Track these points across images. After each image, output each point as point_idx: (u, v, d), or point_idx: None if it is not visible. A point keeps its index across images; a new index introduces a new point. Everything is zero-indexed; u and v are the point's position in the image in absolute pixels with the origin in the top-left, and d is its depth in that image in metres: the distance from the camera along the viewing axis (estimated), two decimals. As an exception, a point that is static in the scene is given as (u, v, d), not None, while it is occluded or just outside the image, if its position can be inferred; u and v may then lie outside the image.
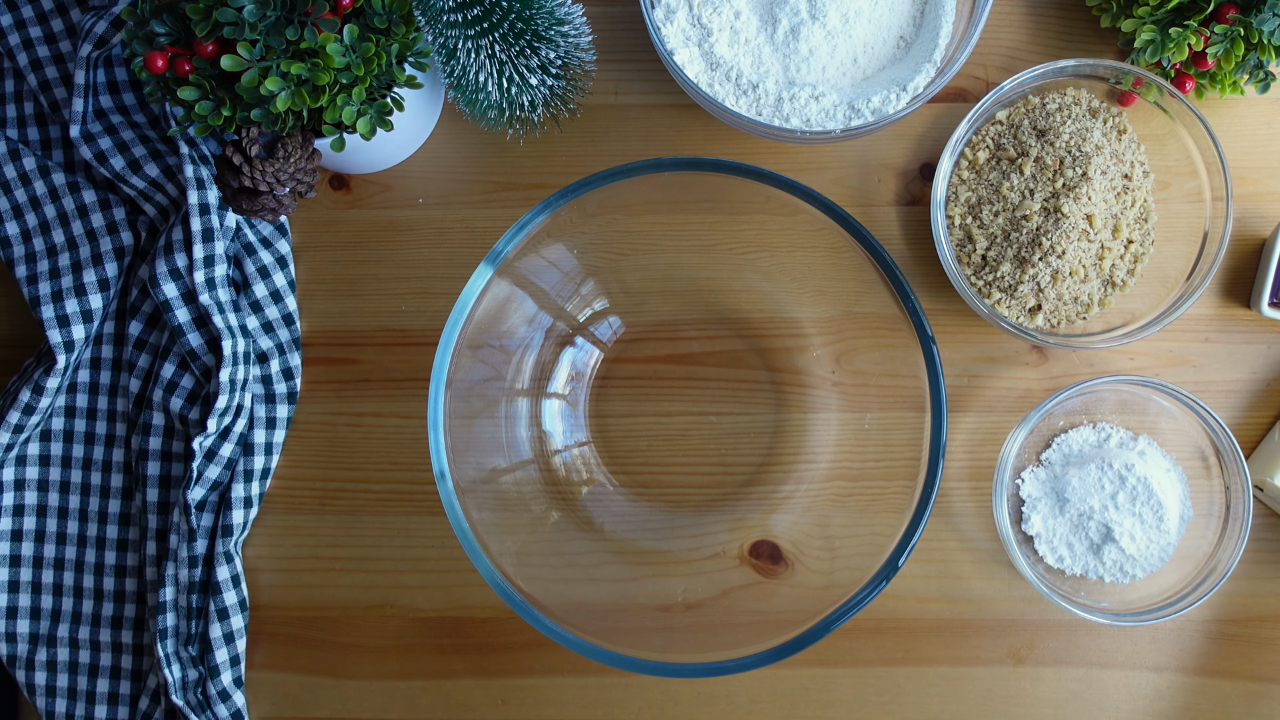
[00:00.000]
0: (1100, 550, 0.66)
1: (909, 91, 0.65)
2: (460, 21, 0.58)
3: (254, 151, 0.59)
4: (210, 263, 0.67)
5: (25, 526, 0.71)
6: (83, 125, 0.69)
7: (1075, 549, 0.66)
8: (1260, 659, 0.67)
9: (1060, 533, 0.66)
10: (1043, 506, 0.67)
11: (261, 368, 0.70)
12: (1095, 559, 0.66)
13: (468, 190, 0.71)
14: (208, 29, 0.56)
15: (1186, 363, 0.69)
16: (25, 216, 0.70)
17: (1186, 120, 0.66)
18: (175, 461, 0.69)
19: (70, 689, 0.70)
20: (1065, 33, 0.71)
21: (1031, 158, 0.66)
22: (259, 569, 0.70)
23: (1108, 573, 0.66)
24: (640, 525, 0.68)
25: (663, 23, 0.66)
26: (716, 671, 0.59)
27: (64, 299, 0.68)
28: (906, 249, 0.70)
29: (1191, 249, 0.67)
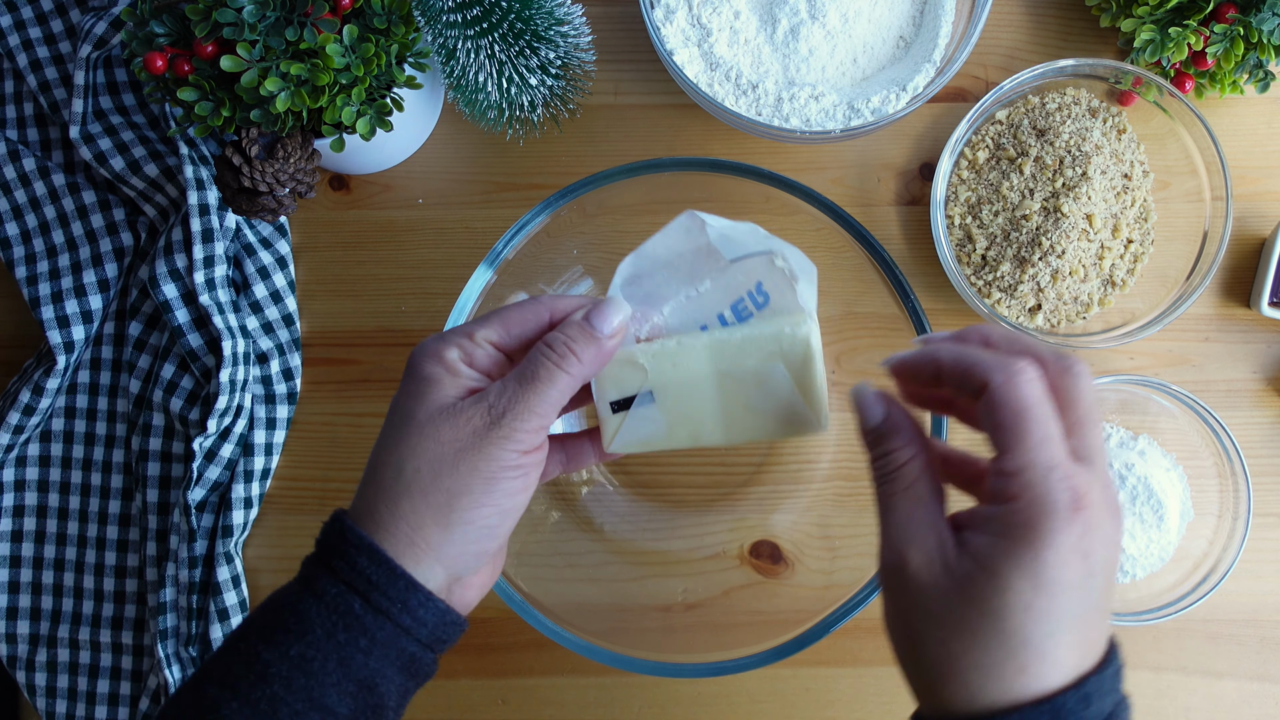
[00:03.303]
0: (1100, 550, 0.66)
1: (909, 91, 0.65)
2: (460, 22, 0.58)
3: (254, 152, 0.59)
4: (210, 263, 0.67)
5: (25, 527, 0.71)
6: (82, 126, 0.69)
7: (1075, 549, 0.66)
8: (1260, 659, 0.67)
9: (1060, 532, 0.66)
10: (1043, 506, 0.67)
11: (261, 368, 0.70)
12: (1095, 559, 0.66)
13: (467, 190, 0.71)
14: (207, 29, 0.56)
15: (1186, 362, 0.69)
16: (25, 217, 0.70)
17: (1186, 120, 0.66)
18: (175, 462, 0.69)
19: (70, 690, 0.70)
20: (1065, 32, 0.71)
21: (1031, 157, 0.66)
22: (259, 570, 0.70)
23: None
24: (640, 525, 0.68)
25: (662, 23, 0.66)
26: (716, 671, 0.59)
27: (64, 300, 0.68)
28: (906, 249, 0.70)
29: (1191, 248, 0.67)
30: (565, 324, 0.45)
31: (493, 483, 0.42)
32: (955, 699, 0.38)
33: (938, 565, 0.38)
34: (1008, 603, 0.36)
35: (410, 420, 0.43)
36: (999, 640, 0.37)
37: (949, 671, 0.38)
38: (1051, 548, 0.36)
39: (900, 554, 0.39)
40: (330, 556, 0.43)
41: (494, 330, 0.45)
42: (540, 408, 0.43)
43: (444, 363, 0.44)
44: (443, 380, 0.44)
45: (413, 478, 0.42)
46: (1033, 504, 0.37)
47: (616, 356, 0.46)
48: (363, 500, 0.44)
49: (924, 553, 0.39)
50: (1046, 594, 0.36)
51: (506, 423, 0.42)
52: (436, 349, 0.45)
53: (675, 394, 0.47)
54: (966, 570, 0.37)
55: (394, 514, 0.43)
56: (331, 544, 0.43)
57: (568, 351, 0.44)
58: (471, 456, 0.42)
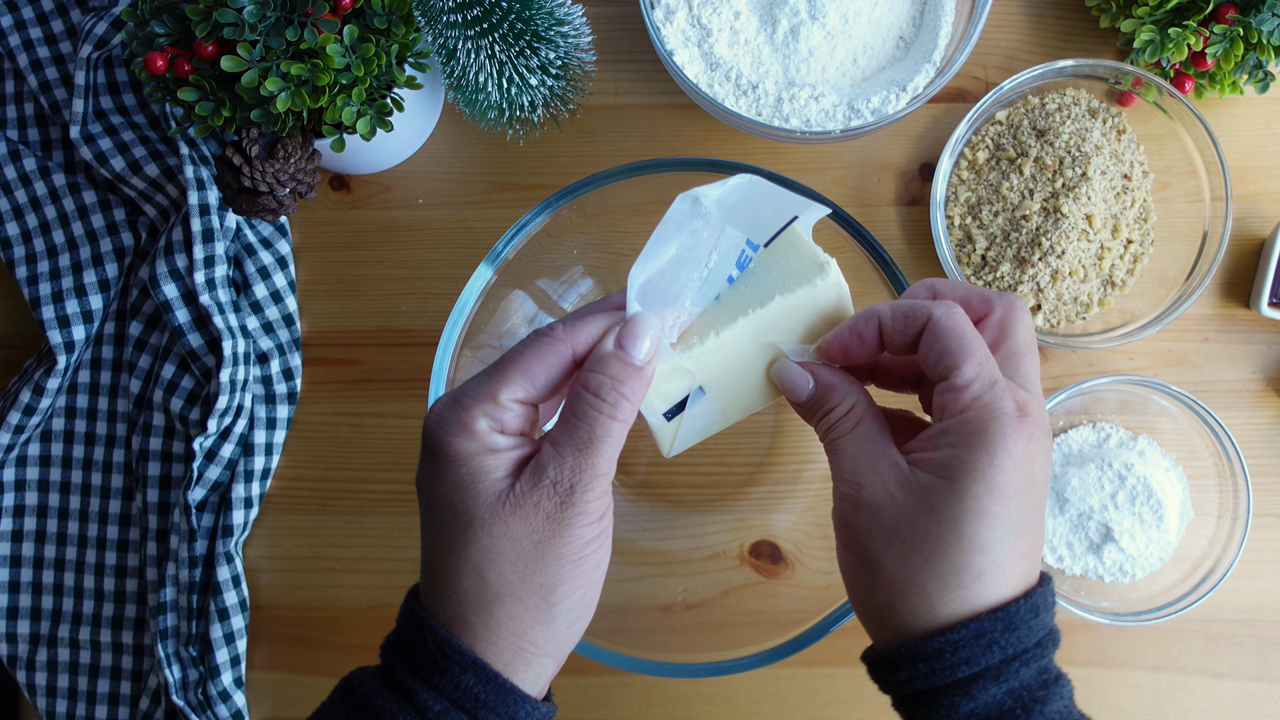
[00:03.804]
0: (1100, 550, 0.66)
1: (908, 92, 0.65)
2: (460, 22, 0.58)
3: (254, 152, 0.59)
4: (210, 263, 0.67)
5: (26, 527, 0.71)
6: (83, 126, 0.69)
7: (1075, 549, 0.66)
8: (1260, 659, 0.67)
9: (1060, 532, 0.67)
10: (1042, 506, 0.67)
11: (262, 368, 0.70)
12: (1095, 559, 0.66)
13: (467, 190, 0.72)
14: (208, 30, 0.56)
15: (1186, 362, 0.69)
16: (26, 217, 0.70)
17: (1186, 120, 0.66)
18: (176, 462, 0.69)
19: (71, 689, 0.70)
20: (1064, 33, 0.71)
21: (1031, 158, 0.66)
22: (259, 569, 0.70)
23: (1107, 573, 0.66)
24: (640, 525, 0.68)
25: (662, 23, 0.66)
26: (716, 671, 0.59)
27: (64, 300, 0.68)
28: (906, 249, 0.70)
29: (1191, 249, 0.67)
30: (598, 360, 0.41)
31: (581, 563, 0.40)
32: (913, 616, 0.39)
33: (893, 484, 0.39)
34: (965, 507, 0.38)
35: (471, 518, 0.40)
36: (957, 547, 0.38)
37: (907, 588, 0.39)
38: (1004, 451, 0.38)
39: (855, 484, 0.40)
40: (429, 671, 0.40)
41: (518, 387, 0.41)
42: (604, 468, 0.40)
43: (477, 438, 0.40)
44: (483, 461, 0.40)
45: (499, 583, 0.40)
46: (983, 411, 0.38)
47: (660, 371, 0.43)
48: (445, 607, 0.41)
49: (878, 476, 0.40)
50: (1000, 499, 0.38)
51: (578, 498, 0.40)
52: (461, 422, 0.40)
53: (725, 381, 0.45)
54: (923, 483, 0.39)
55: (490, 624, 0.40)
56: (428, 655, 0.40)
57: (619, 398, 0.40)
58: (555, 545, 0.39)
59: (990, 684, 0.38)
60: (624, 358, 0.41)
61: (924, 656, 0.38)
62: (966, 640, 0.38)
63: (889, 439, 0.41)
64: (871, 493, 0.40)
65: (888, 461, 0.40)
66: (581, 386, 0.41)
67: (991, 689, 0.38)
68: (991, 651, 0.38)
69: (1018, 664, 0.38)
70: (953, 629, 0.38)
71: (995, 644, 0.38)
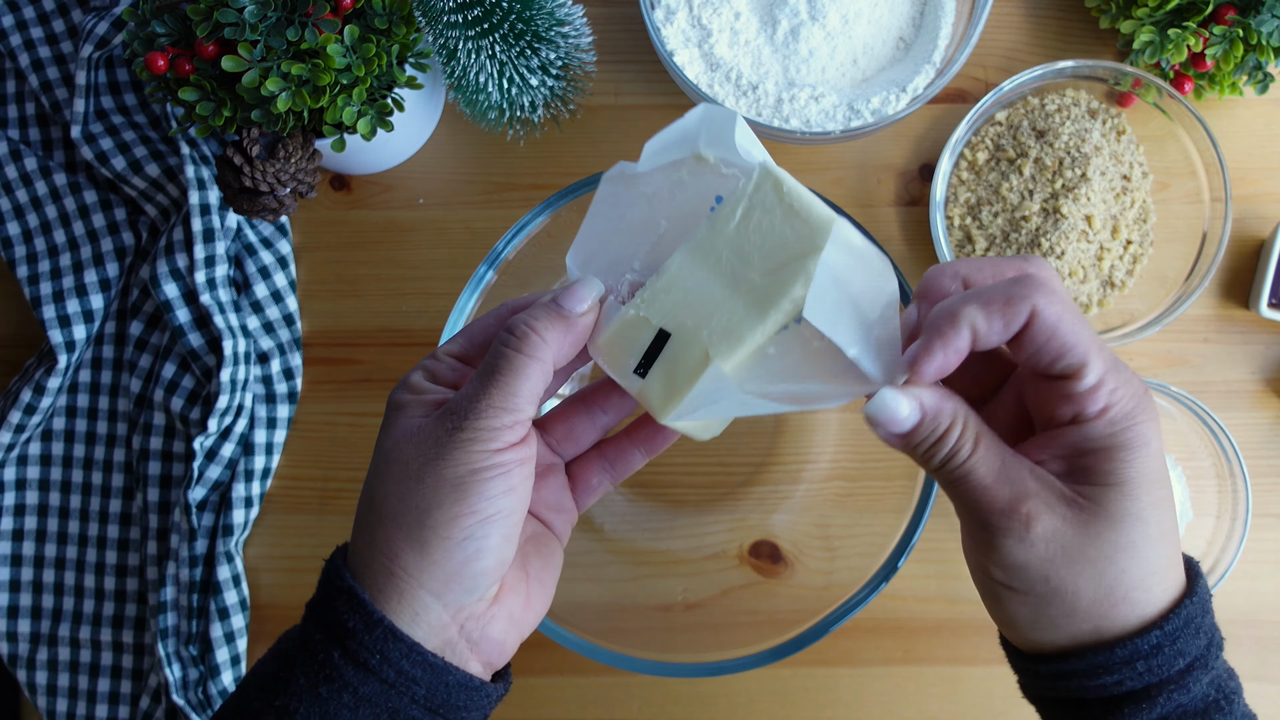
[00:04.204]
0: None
1: (908, 92, 0.65)
2: (460, 22, 0.59)
3: (255, 152, 0.59)
4: (211, 263, 0.67)
5: (26, 526, 0.71)
6: (84, 126, 0.69)
7: (1074, 549, 0.67)
8: (1259, 659, 0.67)
9: (1059, 533, 0.67)
10: (1042, 507, 0.67)
11: (262, 368, 0.70)
12: (1094, 559, 0.66)
13: (468, 191, 0.72)
14: (209, 30, 0.56)
15: (1185, 363, 0.69)
16: (27, 217, 0.70)
17: (1185, 121, 0.66)
18: (176, 461, 0.69)
19: (71, 688, 0.70)
20: (1064, 34, 0.71)
21: (1031, 158, 0.66)
22: (260, 569, 0.70)
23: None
24: (640, 525, 0.68)
25: (663, 24, 0.67)
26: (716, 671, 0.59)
27: (65, 299, 0.68)
28: (906, 249, 0.70)
29: (1190, 250, 0.67)
30: (529, 308, 0.41)
31: (463, 488, 0.38)
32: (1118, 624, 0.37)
33: (1058, 504, 0.37)
34: (1144, 504, 0.36)
35: (380, 451, 0.40)
36: (1148, 546, 0.37)
37: (1112, 604, 0.37)
38: (1153, 442, 0.37)
39: (1018, 514, 0.37)
40: (318, 600, 0.40)
41: (455, 343, 0.43)
42: (506, 400, 0.39)
43: (409, 387, 0.41)
44: (408, 404, 0.41)
45: (382, 503, 0.39)
46: (1125, 408, 0.37)
47: (615, 325, 0.41)
48: (351, 542, 0.41)
49: (1038, 499, 0.37)
50: (1161, 485, 0.37)
51: (470, 422, 0.38)
52: (404, 378, 0.42)
53: (690, 318, 0.41)
54: (1090, 494, 0.37)
55: (371, 546, 0.39)
56: (321, 586, 0.40)
57: (528, 331, 0.40)
58: (436, 466, 0.38)
59: (1201, 673, 0.37)
60: (552, 307, 0.41)
61: (1142, 655, 0.37)
62: (1179, 630, 0.37)
63: (1012, 451, 0.38)
64: (1042, 521, 0.37)
65: (1034, 479, 0.37)
66: (501, 329, 0.41)
67: (1202, 678, 0.37)
68: (1199, 637, 0.37)
69: (1215, 649, 0.38)
70: (1164, 621, 0.37)
71: (1200, 629, 0.37)
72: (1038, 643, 0.39)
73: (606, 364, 0.42)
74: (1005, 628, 0.40)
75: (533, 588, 0.43)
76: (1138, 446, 0.36)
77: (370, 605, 0.38)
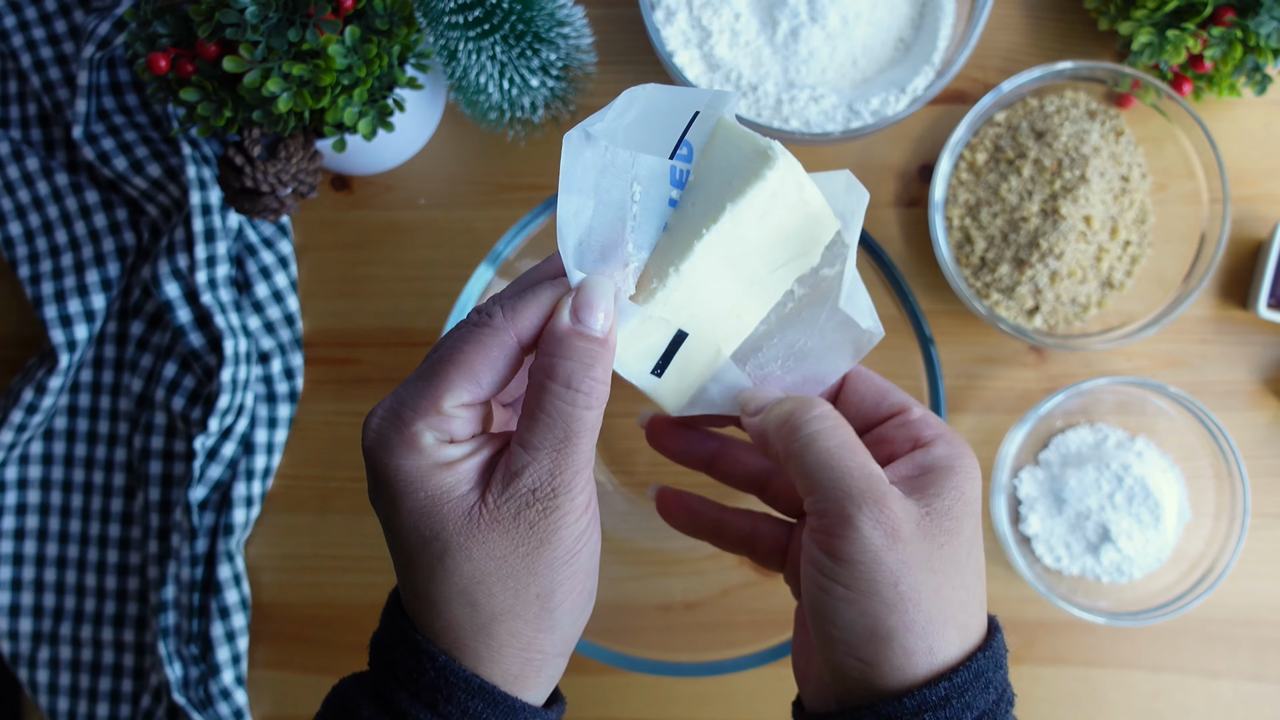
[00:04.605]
0: (1098, 550, 0.66)
1: (908, 93, 0.65)
2: (461, 23, 0.59)
3: (256, 152, 0.60)
4: (212, 263, 0.67)
5: (28, 525, 0.71)
6: (85, 126, 0.69)
7: (1073, 549, 0.67)
8: (1257, 659, 0.67)
9: (1058, 533, 0.67)
10: (1040, 507, 0.67)
11: (263, 367, 0.70)
12: (1093, 559, 0.66)
13: (469, 191, 0.72)
14: (210, 30, 0.56)
15: (1184, 364, 0.69)
16: (28, 217, 0.70)
17: (1184, 122, 0.66)
18: (177, 461, 0.69)
19: (72, 687, 0.70)
20: (1063, 35, 0.71)
21: (1030, 159, 0.66)
22: (261, 568, 0.70)
23: (1105, 573, 0.66)
24: (640, 525, 0.68)
25: (663, 24, 0.67)
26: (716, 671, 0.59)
27: (67, 299, 0.68)
28: (905, 250, 0.70)
29: (1189, 250, 0.67)
30: (558, 343, 0.36)
31: (574, 560, 0.37)
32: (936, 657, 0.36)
33: (913, 510, 0.37)
34: (971, 535, 0.38)
35: (445, 544, 0.36)
36: (975, 575, 0.38)
37: (944, 624, 0.36)
38: (978, 482, 0.39)
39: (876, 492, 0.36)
40: (432, 698, 0.37)
41: (463, 390, 0.36)
42: (585, 461, 0.36)
43: (425, 454, 0.36)
44: (441, 479, 0.36)
45: (492, 604, 0.36)
46: (953, 440, 0.40)
47: (630, 329, 0.38)
48: (438, 635, 0.37)
49: (899, 496, 0.37)
50: (978, 530, 0.39)
51: (563, 501, 0.36)
52: (404, 439, 0.36)
53: (707, 315, 0.40)
54: (938, 509, 0.38)
55: (491, 645, 0.37)
56: (429, 683, 0.37)
57: (593, 384, 0.36)
58: (545, 553, 0.36)
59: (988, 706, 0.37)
60: (584, 333, 0.36)
61: (930, 706, 0.36)
62: (969, 683, 0.36)
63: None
64: (900, 514, 0.36)
65: (879, 471, 0.38)
66: (546, 377, 0.36)
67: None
68: (989, 692, 0.37)
69: (1005, 705, 0.38)
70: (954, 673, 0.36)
71: (991, 684, 0.37)
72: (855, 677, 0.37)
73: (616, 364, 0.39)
74: (825, 649, 0.38)
75: None
76: (970, 475, 0.39)
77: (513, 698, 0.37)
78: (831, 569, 0.36)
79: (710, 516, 0.46)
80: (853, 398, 0.42)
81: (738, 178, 0.38)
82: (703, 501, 0.47)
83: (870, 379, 0.42)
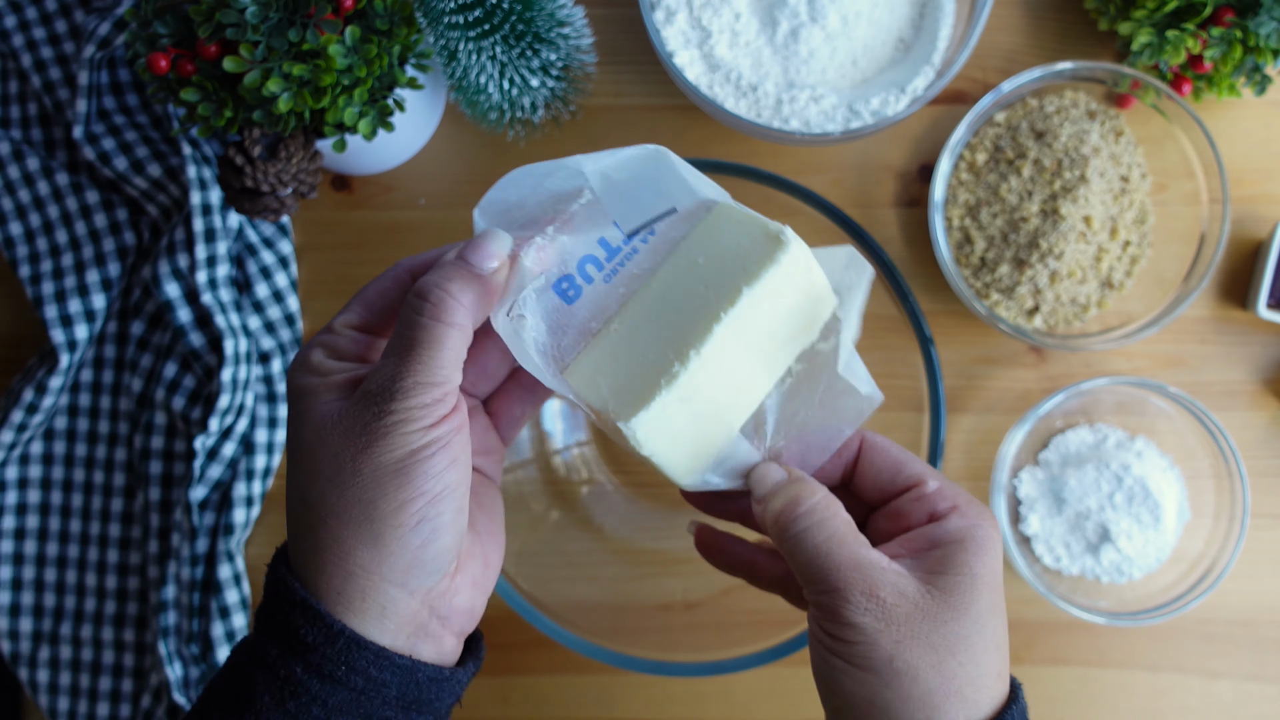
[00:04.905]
0: (1098, 551, 0.66)
1: (908, 94, 0.65)
2: (461, 24, 0.59)
3: (256, 152, 0.60)
4: (212, 263, 0.67)
5: (28, 525, 0.71)
6: (86, 126, 0.69)
7: (1073, 549, 0.67)
8: (1256, 659, 0.67)
9: (1058, 533, 0.67)
10: (1040, 507, 0.67)
11: (264, 367, 0.70)
12: (1093, 559, 0.66)
13: (469, 191, 0.72)
14: (210, 30, 0.56)
15: (1183, 364, 0.69)
16: (29, 216, 0.70)
17: (1184, 123, 0.66)
18: (177, 460, 0.70)
19: (72, 687, 0.70)
20: (1063, 35, 0.71)
21: (1030, 159, 0.66)
22: (261, 567, 0.70)
23: (1105, 573, 0.66)
24: (640, 525, 0.68)
25: (663, 25, 0.67)
26: (716, 670, 0.59)
27: (67, 299, 0.68)
28: (905, 250, 0.70)
29: (1189, 251, 0.67)
30: (434, 268, 0.38)
31: (405, 473, 0.36)
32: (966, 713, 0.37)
33: (909, 587, 0.37)
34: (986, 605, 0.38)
35: (299, 444, 0.38)
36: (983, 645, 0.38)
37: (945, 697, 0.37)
38: (997, 548, 0.39)
39: (872, 595, 0.37)
40: (269, 612, 0.38)
41: (352, 313, 0.40)
42: (431, 374, 0.36)
43: (312, 369, 0.39)
44: (315, 388, 0.38)
45: (319, 501, 0.37)
46: (970, 509, 0.39)
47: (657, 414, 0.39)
48: (290, 544, 0.39)
49: (890, 579, 0.38)
50: (1000, 592, 0.39)
51: (398, 404, 0.36)
52: (302, 359, 0.39)
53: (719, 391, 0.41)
54: (942, 584, 0.38)
55: (317, 548, 0.37)
56: (269, 595, 0.38)
57: (443, 296, 0.37)
58: (371, 454, 0.36)
59: None
60: (460, 264, 0.38)
61: None
62: None
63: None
64: (893, 597, 0.37)
65: (885, 563, 0.38)
66: (410, 294, 0.38)
67: None
68: None
69: None
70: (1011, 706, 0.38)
71: None
72: None
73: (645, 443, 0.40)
74: (830, 716, 0.39)
75: (486, 545, 0.42)
76: (987, 546, 0.39)
77: (329, 617, 0.36)
78: (831, 644, 0.38)
79: (746, 557, 0.46)
80: (869, 471, 0.42)
81: (751, 261, 0.40)
82: (739, 542, 0.46)
83: (886, 451, 0.42)
